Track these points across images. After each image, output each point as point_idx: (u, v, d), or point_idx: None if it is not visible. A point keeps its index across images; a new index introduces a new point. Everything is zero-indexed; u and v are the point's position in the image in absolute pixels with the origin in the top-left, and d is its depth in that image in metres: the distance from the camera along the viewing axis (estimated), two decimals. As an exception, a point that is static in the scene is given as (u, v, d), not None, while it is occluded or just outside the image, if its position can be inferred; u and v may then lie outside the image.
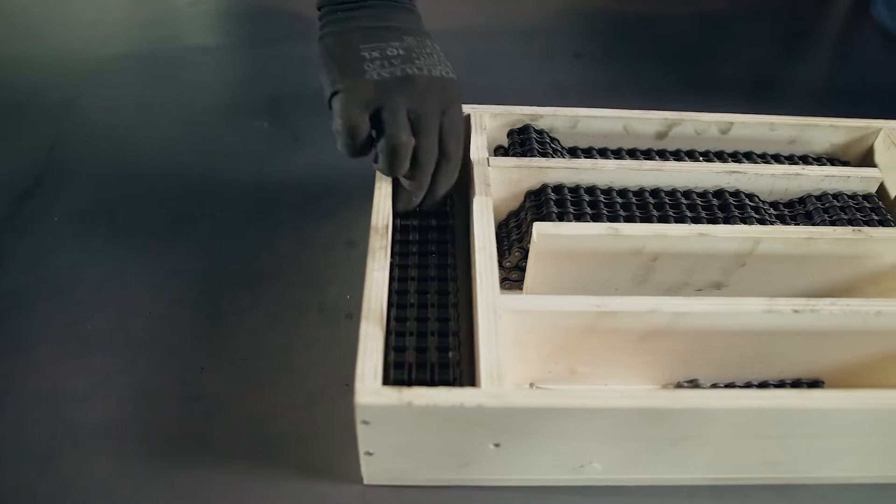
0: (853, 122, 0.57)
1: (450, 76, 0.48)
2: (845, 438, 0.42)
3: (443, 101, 0.48)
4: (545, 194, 0.51)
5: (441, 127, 0.48)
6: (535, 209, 0.50)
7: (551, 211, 0.49)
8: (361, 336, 0.40)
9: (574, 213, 0.49)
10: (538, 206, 0.50)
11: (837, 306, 0.44)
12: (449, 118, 0.48)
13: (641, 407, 0.38)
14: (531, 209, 0.50)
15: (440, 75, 0.48)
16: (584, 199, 0.50)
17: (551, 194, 0.50)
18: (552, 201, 0.50)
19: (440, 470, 0.43)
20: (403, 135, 0.46)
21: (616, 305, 0.43)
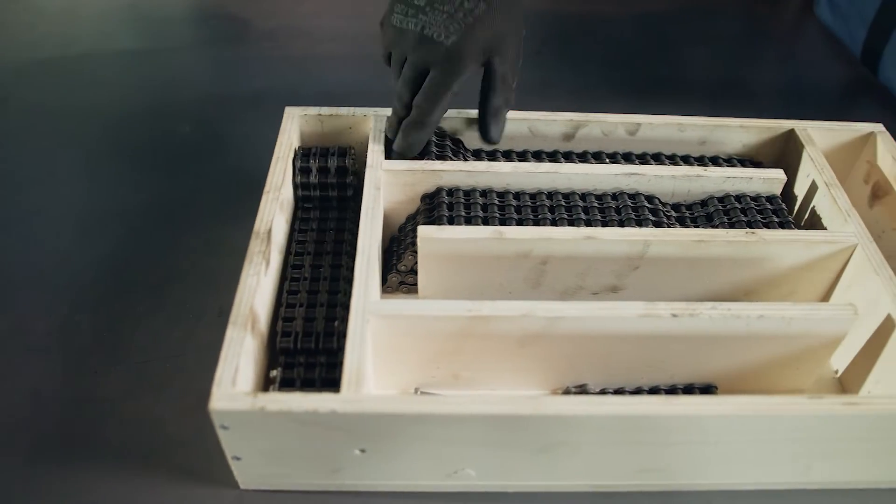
0: (763, 123, 0.57)
1: (439, 39, 0.48)
2: (723, 445, 0.41)
3: (424, 61, 0.48)
4: (439, 197, 0.50)
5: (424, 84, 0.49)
6: (428, 212, 0.50)
7: (442, 214, 0.49)
8: (225, 341, 0.40)
9: (465, 217, 0.49)
10: (430, 210, 0.50)
11: (718, 311, 0.43)
12: (429, 78, 0.49)
13: (500, 414, 0.38)
14: (424, 212, 0.50)
15: (430, 35, 0.48)
16: (477, 202, 0.50)
17: (444, 197, 0.50)
18: (444, 204, 0.49)
19: (313, 475, 0.42)
20: (392, 80, 0.51)
21: (489, 310, 0.42)
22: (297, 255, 0.50)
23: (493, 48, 0.49)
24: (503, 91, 0.51)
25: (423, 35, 0.48)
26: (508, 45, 0.49)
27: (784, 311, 0.43)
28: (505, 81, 0.50)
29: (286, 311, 0.47)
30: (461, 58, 0.48)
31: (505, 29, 0.49)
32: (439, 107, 0.49)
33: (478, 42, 0.48)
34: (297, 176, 0.53)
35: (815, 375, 0.48)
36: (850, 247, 0.49)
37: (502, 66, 0.50)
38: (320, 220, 0.53)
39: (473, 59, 0.48)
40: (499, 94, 0.50)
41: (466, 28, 0.47)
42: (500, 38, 0.49)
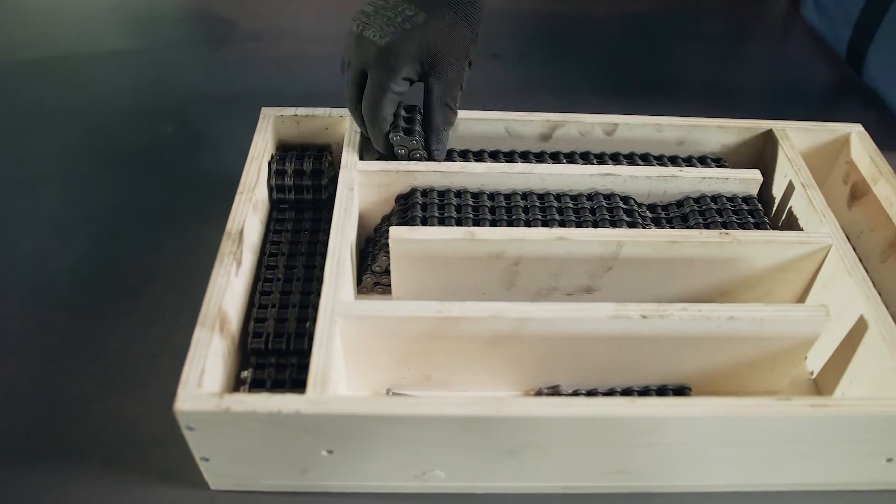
0: (741, 123, 0.56)
1: (374, 39, 0.49)
2: (693, 446, 0.41)
3: (362, 61, 0.50)
4: (413, 198, 0.50)
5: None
6: (401, 213, 0.50)
7: (416, 215, 0.49)
8: (192, 342, 0.40)
9: (439, 217, 0.49)
10: (404, 210, 0.50)
11: (689, 312, 0.43)
12: (368, 79, 0.50)
13: (465, 415, 0.38)
14: (398, 213, 0.50)
15: (367, 36, 0.49)
16: (451, 202, 0.50)
17: (419, 198, 0.50)
18: (418, 205, 0.49)
19: (282, 476, 0.42)
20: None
21: (458, 311, 0.42)
22: (272, 255, 0.50)
23: (430, 62, 0.50)
24: (440, 110, 0.51)
25: (362, 36, 0.49)
26: (446, 65, 0.50)
27: (755, 312, 0.43)
28: (442, 101, 0.51)
29: (258, 311, 0.47)
30: (393, 58, 0.48)
31: (444, 47, 0.50)
32: (380, 107, 0.49)
33: (412, 48, 0.49)
34: (272, 178, 0.53)
35: (790, 377, 0.48)
36: (825, 247, 0.48)
37: (438, 83, 0.50)
38: (295, 220, 0.53)
39: (406, 62, 0.49)
40: (435, 112, 0.51)
41: (403, 33, 0.49)
42: (437, 53, 0.49)
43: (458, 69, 0.51)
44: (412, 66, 0.49)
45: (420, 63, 0.49)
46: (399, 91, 0.50)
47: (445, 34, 0.50)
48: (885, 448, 0.42)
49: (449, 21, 0.50)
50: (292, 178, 0.52)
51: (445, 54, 0.50)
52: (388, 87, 0.49)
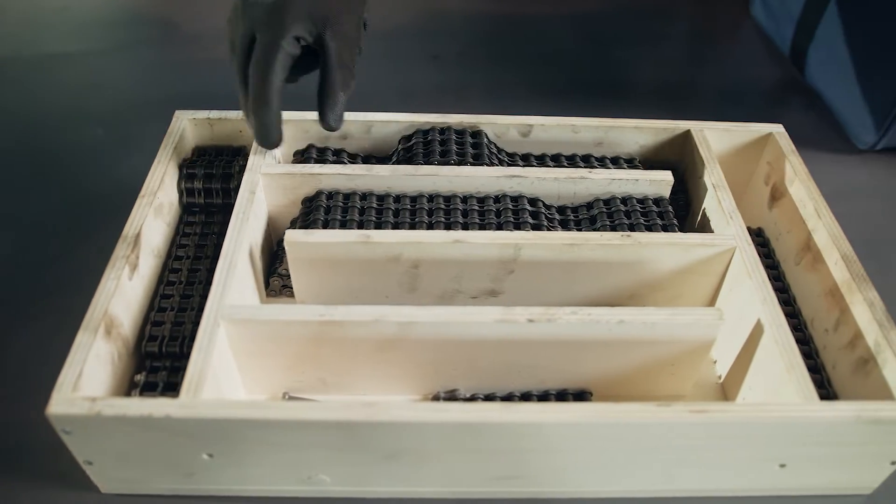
0: (659, 124, 0.56)
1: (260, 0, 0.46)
2: (578, 452, 0.40)
3: (250, 25, 0.47)
4: (317, 201, 0.50)
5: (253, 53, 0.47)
6: (304, 216, 0.50)
7: (318, 218, 0.48)
8: (73, 346, 0.40)
9: (341, 220, 0.48)
10: (307, 213, 0.49)
11: (578, 316, 0.43)
12: (257, 44, 0.46)
13: (334, 420, 0.37)
14: (301, 216, 0.50)
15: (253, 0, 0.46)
16: (355, 205, 0.49)
17: (323, 201, 0.50)
18: (321, 208, 0.49)
19: (169, 479, 0.42)
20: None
21: (341, 315, 0.42)
22: (177, 259, 0.50)
23: (324, 19, 0.46)
24: (339, 71, 0.48)
25: (247, 1, 0.47)
26: (342, 21, 0.47)
27: (645, 315, 0.43)
28: (340, 60, 0.47)
29: (156, 315, 0.47)
30: (281, 16, 0.45)
31: (337, 3, 0.47)
32: (271, 69, 0.46)
33: (303, 4, 0.46)
34: (182, 181, 0.53)
35: (693, 381, 0.48)
36: (729, 250, 0.48)
37: (334, 41, 0.47)
38: (205, 224, 0.53)
39: (297, 18, 0.46)
40: (333, 73, 0.47)
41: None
42: (329, 9, 0.46)
43: (354, 27, 0.48)
44: (303, 23, 0.46)
45: (311, 21, 0.46)
46: (291, 53, 0.46)
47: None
48: (777, 454, 0.41)
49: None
50: (202, 181, 0.52)
51: (338, 10, 0.47)
52: (279, 46, 0.46)
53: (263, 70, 0.46)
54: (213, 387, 0.40)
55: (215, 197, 0.53)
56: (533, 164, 0.55)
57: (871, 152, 0.69)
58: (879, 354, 0.43)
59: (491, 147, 0.54)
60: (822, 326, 0.49)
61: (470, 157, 0.52)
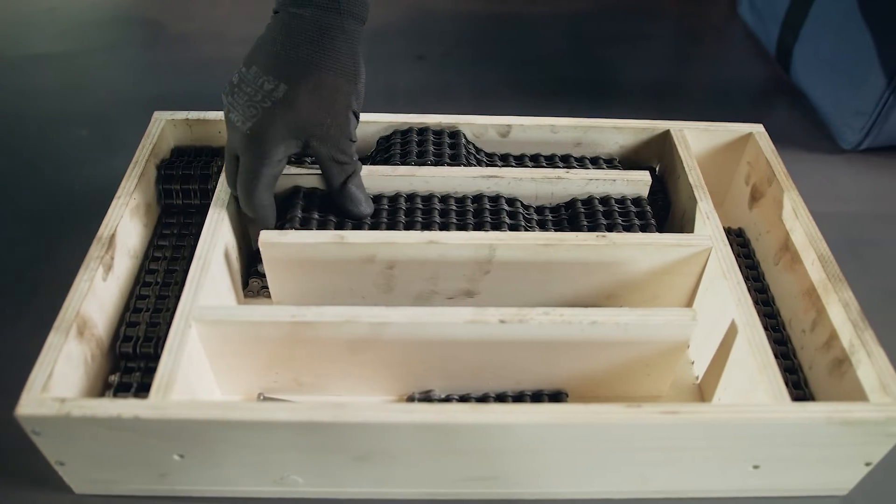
0: (638, 124, 0.56)
1: (237, 125, 0.45)
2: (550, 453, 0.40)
3: (232, 146, 0.46)
4: (296, 199, 0.50)
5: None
6: (281, 216, 0.49)
7: (294, 216, 0.48)
8: (44, 346, 0.40)
9: (318, 220, 0.48)
10: (283, 213, 0.49)
11: (549, 316, 0.43)
12: (240, 165, 0.46)
13: (301, 421, 0.37)
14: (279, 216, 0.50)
15: (232, 120, 0.45)
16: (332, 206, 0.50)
17: (300, 200, 0.50)
18: (298, 206, 0.49)
19: (142, 480, 0.42)
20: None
21: (313, 316, 0.42)
22: (154, 260, 0.50)
23: (306, 132, 0.45)
24: (336, 170, 0.47)
25: (228, 119, 0.46)
26: (326, 128, 0.45)
27: (618, 316, 0.43)
28: (331, 160, 0.47)
29: (131, 316, 0.47)
30: (260, 143, 0.44)
31: (318, 112, 0.45)
32: (253, 194, 0.46)
33: (279, 128, 0.44)
34: (160, 182, 0.53)
35: (669, 381, 0.48)
36: (706, 250, 0.48)
37: (322, 148, 0.46)
38: (183, 225, 0.53)
39: (276, 144, 0.45)
40: (333, 174, 0.47)
41: (264, 112, 0.44)
42: (310, 122, 0.45)
43: (341, 127, 0.46)
44: (285, 144, 0.45)
45: (294, 138, 0.45)
46: (275, 173, 0.46)
47: (316, 98, 0.44)
48: (750, 455, 0.41)
49: (316, 83, 0.44)
50: (179, 182, 0.52)
51: (321, 119, 0.45)
52: (260, 173, 0.45)
53: (243, 194, 0.46)
54: (184, 388, 0.41)
55: (193, 198, 0.53)
56: (512, 165, 0.55)
57: (855, 152, 0.69)
58: (854, 355, 0.43)
59: (469, 147, 0.54)
60: (800, 327, 0.49)
61: (447, 157, 0.52)
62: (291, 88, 0.44)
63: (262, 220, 0.47)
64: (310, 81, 0.44)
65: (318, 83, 0.45)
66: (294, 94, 0.44)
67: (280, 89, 0.44)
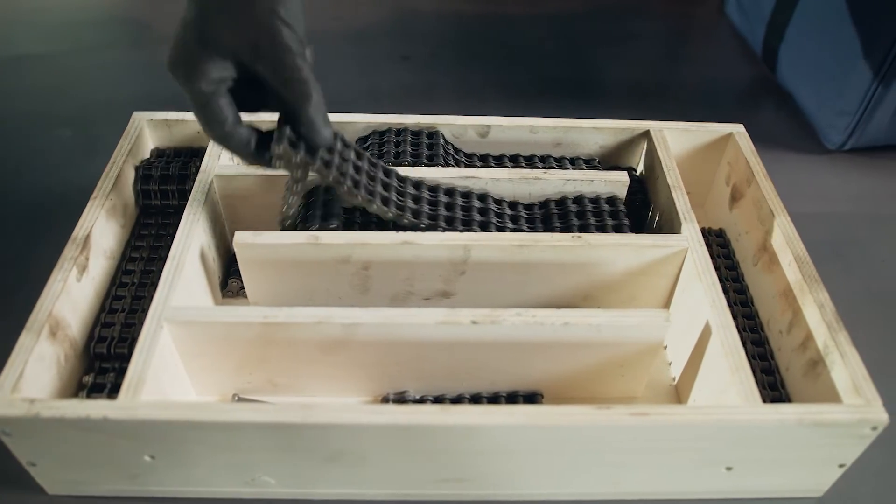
0: (618, 124, 0.55)
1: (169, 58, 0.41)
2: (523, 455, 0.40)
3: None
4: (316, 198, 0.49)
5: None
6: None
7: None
8: (15, 347, 0.40)
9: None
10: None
11: (522, 317, 0.42)
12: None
13: (268, 422, 0.37)
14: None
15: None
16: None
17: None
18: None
19: (115, 481, 0.42)
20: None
21: (284, 317, 0.42)
22: (131, 261, 0.50)
23: (225, 45, 0.40)
24: (287, 92, 0.42)
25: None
26: (248, 40, 0.40)
27: (591, 317, 0.42)
28: (283, 81, 0.41)
29: (106, 316, 0.47)
30: (175, 67, 0.41)
31: (227, 21, 0.40)
32: (205, 119, 0.42)
33: (192, 44, 0.40)
34: (138, 183, 0.53)
35: (644, 382, 0.47)
36: (682, 251, 0.48)
37: (260, 66, 0.41)
38: (161, 226, 0.53)
39: (200, 63, 0.40)
40: (284, 97, 0.42)
41: (177, 39, 0.41)
42: (223, 32, 0.40)
43: (272, 38, 0.40)
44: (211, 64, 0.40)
45: (218, 57, 0.41)
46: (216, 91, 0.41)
47: (224, 6, 0.40)
48: (722, 457, 0.41)
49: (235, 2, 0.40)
50: (157, 183, 0.52)
51: (237, 29, 0.40)
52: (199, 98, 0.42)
53: (200, 120, 0.43)
54: (155, 388, 0.41)
55: (171, 198, 0.53)
56: (491, 165, 0.55)
57: (840, 152, 0.69)
58: (828, 356, 0.43)
59: (448, 148, 0.54)
60: (778, 328, 0.48)
61: (425, 157, 0.52)
62: (194, 3, 0.40)
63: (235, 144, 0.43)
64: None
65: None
66: (198, 8, 0.40)
67: (189, 9, 0.41)
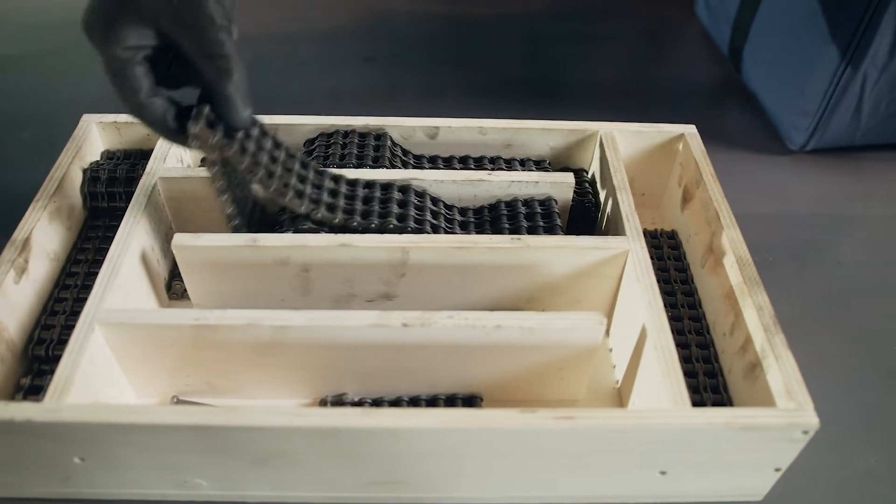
0: (567, 125, 0.55)
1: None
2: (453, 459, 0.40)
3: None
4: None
5: None
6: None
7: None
8: (-54, 350, 0.41)
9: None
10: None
11: (454, 320, 0.42)
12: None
13: (191, 424, 0.37)
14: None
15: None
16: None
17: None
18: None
19: (46, 483, 0.42)
20: None
21: (215, 319, 0.42)
22: (76, 263, 0.50)
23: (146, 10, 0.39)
24: (208, 67, 0.41)
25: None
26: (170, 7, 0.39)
27: (523, 320, 0.42)
28: (204, 54, 0.40)
29: (47, 318, 0.47)
30: (92, 28, 0.40)
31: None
32: (119, 87, 0.41)
33: (111, 8, 0.39)
34: (86, 185, 0.53)
35: (585, 385, 0.47)
36: (623, 253, 0.47)
37: (182, 38, 0.40)
38: (108, 228, 0.53)
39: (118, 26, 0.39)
40: (205, 72, 0.41)
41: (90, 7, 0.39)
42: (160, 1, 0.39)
43: (195, 8, 0.40)
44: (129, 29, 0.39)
45: (137, 23, 0.39)
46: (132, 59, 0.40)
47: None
48: (654, 461, 0.40)
49: None
50: (105, 185, 0.53)
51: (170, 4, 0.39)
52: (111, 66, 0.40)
53: (120, 91, 0.42)
54: (85, 391, 0.41)
55: (119, 201, 0.53)
56: (440, 167, 0.55)
57: (802, 153, 0.68)
58: (764, 359, 0.42)
59: (395, 150, 0.54)
60: (721, 330, 0.48)
61: (370, 159, 0.52)
62: None
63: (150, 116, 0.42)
64: None
65: None
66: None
67: None
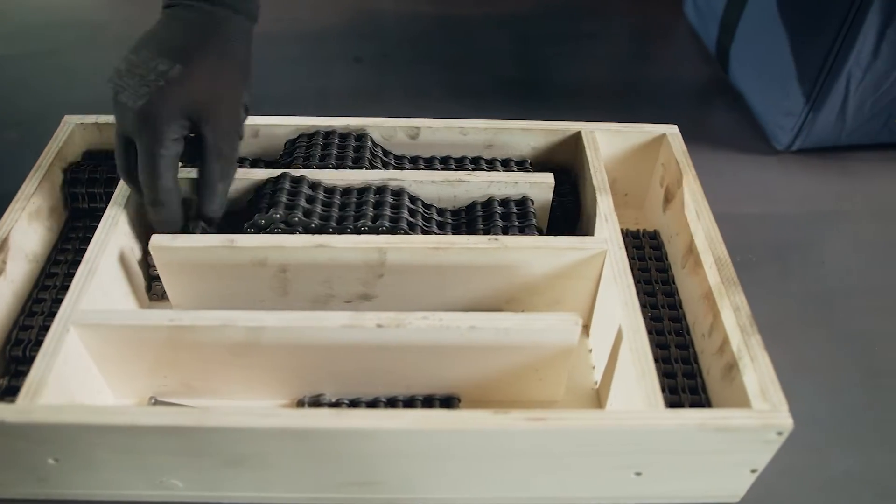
0: (548, 125, 0.55)
1: (128, 104, 0.44)
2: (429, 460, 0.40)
3: (123, 129, 0.46)
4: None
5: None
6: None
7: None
8: (-79, 351, 0.41)
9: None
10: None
11: (429, 321, 0.42)
12: (137, 150, 0.45)
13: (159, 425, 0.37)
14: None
15: (122, 101, 0.45)
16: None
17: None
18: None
19: (22, 484, 0.42)
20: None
21: (189, 320, 0.42)
22: (56, 264, 0.51)
23: (198, 114, 0.45)
24: (218, 163, 0.47)
25: (118, 102, 0.45)
26: (218, 113, 0.46)
27: (498, 321, 0.42)
28: (219, 153, 0.47)
29: (25, 319, 0.47)
30: (152, 122, 0.44)
31: (211, 95, 0.46)
32: (159, 178, 0.45)
33: (172, 106, 0.44)
34: (66, 186, 0.53)
35: (563, 386, 0.47)
36: (601, 253, 0.47)
37: (212, 134, 0.46)
38: (88, 229, 0.52)
39: (168, 122, 0.44)
40: (211, 165, 0.47)
41: (157, 91, 0.44)
42: (204, 103, 0.45)
43: (232, 116, 0.47)
44: (177, 124, 0.45)
45: (187, 118, 0.45)
46: (172, 153, 0.45)
47: (208, 82, 0.46)
48: (628, 462, 0.40)
49: (211, 67, 0.46)
50: (85, 186, 0.53)
51: (213, 103, 0.46)
52: (158, 154, 0.45)
53: (148, 179, 0.45)
54: (60, 392, 0.41)
55: (99, 201, 0.53)
56: (421, 167, 0.55)
57: (788, 153, 0.68)
58: (741, 360, 0.42)
59: (376, 150, 0.54)
60: (700, 331, 0.48)
61: (350, 160, 0.52)
62: (187, 69, 0.45)
63: (167, 203, 0.46)
64: (204, 64, 0.46)
65: (212, 67, 0.46)
66: (188, 73, 0.45)
67: (175, 69, 0.45)
